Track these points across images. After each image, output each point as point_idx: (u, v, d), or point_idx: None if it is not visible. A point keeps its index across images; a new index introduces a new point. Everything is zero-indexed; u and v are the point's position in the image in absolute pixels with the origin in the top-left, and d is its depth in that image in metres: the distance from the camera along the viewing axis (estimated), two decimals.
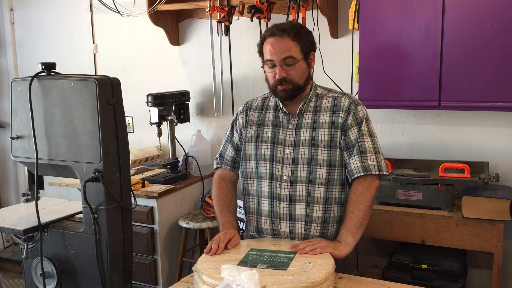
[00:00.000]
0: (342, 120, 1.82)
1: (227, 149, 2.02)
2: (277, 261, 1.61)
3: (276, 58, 1.77)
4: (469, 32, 2.41)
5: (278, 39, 1.77)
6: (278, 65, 1.77)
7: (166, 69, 3.67)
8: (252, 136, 1.93)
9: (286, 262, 1.60)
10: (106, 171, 1.94)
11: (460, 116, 2.82)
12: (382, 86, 2.65)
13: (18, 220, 2.20)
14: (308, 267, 1.55)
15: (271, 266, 1.57)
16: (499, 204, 2.38)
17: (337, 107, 1.84)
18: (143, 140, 3.76)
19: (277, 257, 1.64)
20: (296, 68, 1.78)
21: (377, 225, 2.63)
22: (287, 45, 1.76)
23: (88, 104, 1.93)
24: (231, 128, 2.03)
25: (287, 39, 1.76)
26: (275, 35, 1.77)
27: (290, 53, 1.76)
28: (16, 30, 4.27)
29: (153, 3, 3.24)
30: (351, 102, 1.86)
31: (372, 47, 2.64)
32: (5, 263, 4.06)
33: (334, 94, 1.89)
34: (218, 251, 1.67)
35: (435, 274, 2.53)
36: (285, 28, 1.78)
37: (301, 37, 1.79)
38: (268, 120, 1.91)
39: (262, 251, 1.69)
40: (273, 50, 1.77)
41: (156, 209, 2.99)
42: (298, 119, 1.86)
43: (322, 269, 1.53)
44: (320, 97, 1.88)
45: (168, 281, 3.08)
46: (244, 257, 1.64)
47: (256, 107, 1.97)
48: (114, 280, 2.02)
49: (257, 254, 1.66)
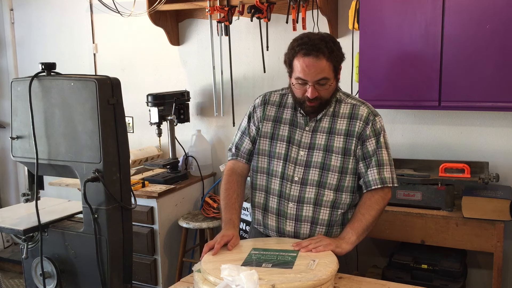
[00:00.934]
0: (359, 130, 1.82)
1: (244, 141, 1.98)
2: (281, 259, 1.61)
3: (310, 79, 1.73)
4: (469, 32, 2.41)
5: (314, 60, 1.71)
6: (311, 85, 1.74)
7: (166, 69, 3.67)
8: (268, 132, 1.91)
9: (290, 260, 1.60)
10: (106, 171, 1.94)
11: (460, 116, 2.82)
12: (382, 86, 2.65)
13: (18, 220, 2.20)
14: (313, 265, 1.56)
15: (276, 264, 1.57)
16: (499, 204, 2.38)
17: (355, 115, 1.84)
18: (143, 140, 3.76)
19: (281, 256, 1.64)
20: (327, 87, 1.77)
21: (377, 225, 2.59)
22: (322, 67, 1.72)
23: (88, 104, 1.93)
24: (247, 120, 1.99)
25: (322, 60, 1.71)
26: (311, 56, 1.71)
27: (324, 74, 1.73)
28: (16, 30, 4.27)
29: (153, 3, 3.23)
30: (369, 112, 1.85)
31: (372, 47, 2.64)
32: (5, 263, 4.06)
33: (353, 101, 1.88)
34: (213, 252, 1.67)
35: (435, 274, 2.53)
36: (321, 47, 1.71)
37: (334, 56, 1.74)
38: (286, 118, 1.90)
39: (265, 250, 1.69)
40: (308, 70, 1.72)
41: (156, 209, 2.99)
42: (316, 122, 1.86)
43: (327, 267, 1.54)
44: (339, 102, 1.87)
45: (168, 281, 3.08)
46: (248, 256, 1.64)
47: (274, 102, 1.95)
48: (114, 280, 2.03)
49: (260, 253, 1.66)
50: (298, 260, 1.60)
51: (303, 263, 1.58)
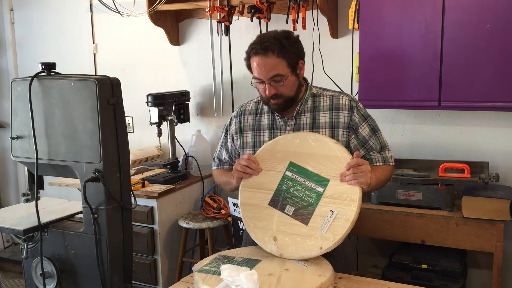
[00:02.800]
0: (347, 120, 1.82)
1: (223, 154, 2.05)
2: (304, 200, 1.67)
3: (263, 76, 1.75)
4: (469, 32, 2.41)
5: (262, 58, 1.73)
6: (266, 83, 1.76)
7: (166, 69, 3.67)
8: (249, 142, 1.92)
9: (312, 204, 1.66)
10: (106, 171, 1.94)
11: (460, 116, 2.82)
12: (382, 86, 2.65)
13: (18, 220, 2.20)
14: (329, 221, 1.62)
15: (297, 209, 1.67)
16: (499, 204, 2.38)
17: (336, 106, 1.84)
18: (143, 140, 3.76)
19: (307, 192, 1.68)
20: (285, 84, 1.77)
21: (377, 225, 2.63)
22: (273, 63, 1.73)
23: (88, 104, 1.93)
24: (225, 133, 2.04)
25: (272, 57, 1.72)
26: (259, 54, 1.73)
27: (276, 71, 1.73)
28: (16, 30, 4.27)
29: (153, 3, 3.24)
30: (351, 100, 1.86)
31: (372, 47, 2.64)
32: (5, 263, 4.06)
33: (331, 93, 1.89)
34: (256, 172, 1.75)
35: (435, 274, 2.53)
36: (268, 45, 1.72)
37: (286, 51, 1.74)
38: (264, 124, 1.91)
39: (300, 173, 1.70)
40: (259, 69, 1.74)
41: (156, 209, 2.99)
42: (295, 120, 1.85)
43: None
44: (317, 97, 1.88)
45: (168, 281, 3.08)
46: (279, 186, 1.72)
47: (250, 111, 1.97)
48: (114, 280, 2.03)
49: (292, 183, 1.71)
50: (319, 208, 1.65)
51: (320, 217, 1.63)
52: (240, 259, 1.67)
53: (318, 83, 1.97)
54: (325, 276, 1.52)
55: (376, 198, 2.67)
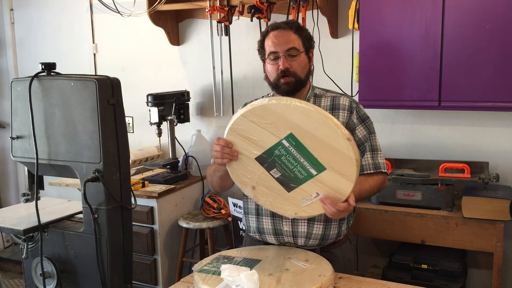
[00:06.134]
0: (345, 119, 1.82)
1: None
2: (293, 173, 1.55)
3: (280, 49, 1.78)
4: (469, 32, 2.41)
5: (281, 32, 1.80)
6: (282, 55, 1.78)
7: (166, 69, 3.67)
8: None
9: (300, 179, 1.55)
10: (106, 171, 1.94)
11: (460, 116, 2.82)
12: (382, 86, 2.65)
13: (18, 220, 2.20)
14: (311, 200, 1.56)
15: (282, 177, 1.57)
16: (499, 204, 2.38)
17: (336, 106, 1.85)
18: (143, 140, 3.76)
19: (299, 168, 1.55)
20: (299, 60, 1.80)
21: (377, 225, 2.63)
22: (291, 37, 1.79)
23: (88, 104, 1.93)
24: None
25: (290, 32, 1.80)
26: (279, 28, 1.81)
27: (293, 44, 1.79)
28: (16, 30, 4.27)
29: (153, 3, 3.24)
30: (351, 101, 1.87)
31: (372, 47, 2.64)
32: (5, 263, 4.06)
33: (332, 94, 1.90)
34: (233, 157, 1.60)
35: (435, 274, 2.53)
36: (287, 22, 1.84)
37: (302, 31, 1.83)
38: None
39: (298, 149, 1.54)
40: (277, 41, 1.79)
41: (156, 209, 2.99)
42: None
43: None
44: (319, 97, 1.89)
45: (168, 281, 3.08)
46: (271, 149, 1.56)
47: None
48: (114, 280, 2.03)
49: (286, 153, 1.55)
50: (306, 185, 1.54)
51: (305, 194, 1.55)
52: (240, 259, 1.67)
53: (318, 83, 1.97)
54: (325, 276, 1.52)
55: (376, 198, 2.67)
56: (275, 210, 1.64)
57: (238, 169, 1.64)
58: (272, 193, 1.61)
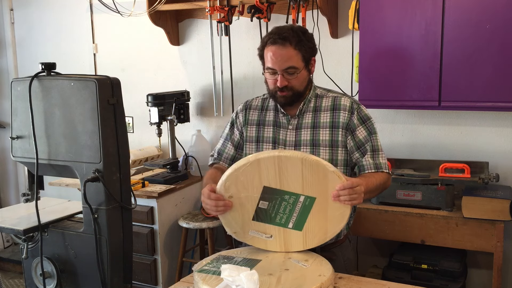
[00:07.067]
0: (346, 120, 1.82)
1: (227, 147, 2.00)
2: (277, 215, 1.62)
3: (278, 67, 1.75)
4: (469, 32, 2.41)
5: (280, 48, 1.73)
6: (279, 74, 1.76)
7: (166, 69, 3.67)
8: (253, 136, 1.92)
9: (275, 221, 1.63)
10: (106, 171, 1.94)
11: (460, 116, 2.82)
12: (382, 86, 2.65)
13: (18, 220, 2.20)
14: (258, 235, 1.66)
15: (264, 210, 1.62)
16: (499, 204, 2.38)
17: (337, 106, 1.84)
18: (143, 140, 3.76)
19: (285, 216, 1.62)
20: (297, 77, 1.77)
21: (377, 225, 2.63)
22: (289, 55, 1.74)
23: (88, 104, 1.93)
24: (230, 126, 2.01)
25: (289, 48, 1.73)
26: (277, 44, 1.74)
27: (291, 63, 1.74)
28: (16, 30, 4.27)
29: (153, 3, 3.24)
30: (352, 101, 1.86)
31: (372, 47, 2.64)
32: (5, 263, 4.06)
33: (334, 94, 1.90)
34: (227, 208, 1.63)
35: (435, 274, 2.54)
36: (287, 36, 1.73)
37: (302, 45, 1.76)
38: (269, 120, 1.91)
39: (304, 207, 1.60)
40: (275, 59, 1.74)
41: (156, 209, 2.99)
42: (298, 119, 1.86)
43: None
44: (320, 97, 1.88)
45: (168, 281, 3.08)
46: (288, 192, 1.59)
47: (256, 107, 1.97)
48: (114, 280, 2.03)
49: (292, 203, 1.60)
50: (271, 227, 1.64)
51: (264, 229, 1.65)
52: (240, 259, 1.67)
53: (318, 83, 1.97)
54: (325, 276, 1.52)
55: (376, 198, 2.67)
56: (225, 218, 1.68)
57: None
58: (241, 209, 1.65)
